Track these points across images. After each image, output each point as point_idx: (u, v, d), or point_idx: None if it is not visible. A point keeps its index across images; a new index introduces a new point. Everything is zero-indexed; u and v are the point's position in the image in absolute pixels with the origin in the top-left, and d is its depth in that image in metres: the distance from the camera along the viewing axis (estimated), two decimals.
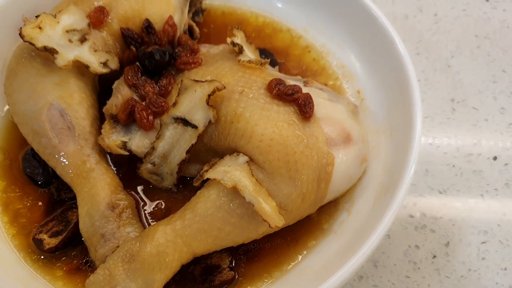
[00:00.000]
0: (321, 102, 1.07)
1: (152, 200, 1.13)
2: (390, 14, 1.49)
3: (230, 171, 0.96)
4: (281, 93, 1.02)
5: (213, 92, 1.02)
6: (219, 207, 0.96)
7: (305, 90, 1.08)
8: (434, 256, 1.11)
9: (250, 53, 1.20)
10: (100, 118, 1.16)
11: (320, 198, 1.01)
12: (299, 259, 1.04)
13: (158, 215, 1.10)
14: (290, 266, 1.03)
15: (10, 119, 1.23)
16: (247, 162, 0.98)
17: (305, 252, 1.04)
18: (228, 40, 1.16)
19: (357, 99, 1.23)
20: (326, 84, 1.27)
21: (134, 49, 1.20)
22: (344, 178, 1.03)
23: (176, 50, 1.18)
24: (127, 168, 1.17)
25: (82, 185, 1.06)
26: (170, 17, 1.25)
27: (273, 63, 1.31)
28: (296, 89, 1.03)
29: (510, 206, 1.17)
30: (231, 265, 1.03)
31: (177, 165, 1.06)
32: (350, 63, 1.28)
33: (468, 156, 1.24)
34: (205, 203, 0.98)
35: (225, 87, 1.02)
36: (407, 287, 1.09)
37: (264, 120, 0.99)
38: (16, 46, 1.17)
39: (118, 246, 0.99)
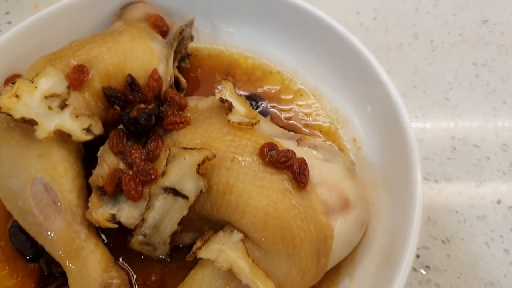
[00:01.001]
0: (316, 164, 1.02)
1: (145, 271, 1.08)
2: (384, 43, 1.43)
3: (225, 251, 0.92)
4: (274, 161, 0.97)
5: (203, 161, 0.97)
6: None
7: (298, 150, 1.03)
8: None
9: (240, 106, 1.14)
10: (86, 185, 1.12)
11: (321, 271, 0.96)
12: None
13: None
14: None
15: None
16: (242, 239, 0.94)
17: None
18: (217, 95, 1.11)
19: (353, 147, 1.18)
20: (321, 131, 1.22)
21: (118, 108, 1.15)
22: (344, 246, 0.99)
23: (163, 109, 1.13)
24: (116, 236, 1.12)
25: (73, 265, 1.01)
26: (155, 71, 1.20)
27: (264, 113, 1.26)
28: (289, 155, 0.98)
29: None
30: None
31: (169, 236, 1.02)
32: (344, 108, 1.23)
33: (471, 200, 1.19)
34: (199, 286, 0.93)
35: (215, 156, 0.97)
36: None
37: (257, 192, 0.94)
38: None
39: None
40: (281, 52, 1.32)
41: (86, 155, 1.15)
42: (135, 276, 1.08)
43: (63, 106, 1.07)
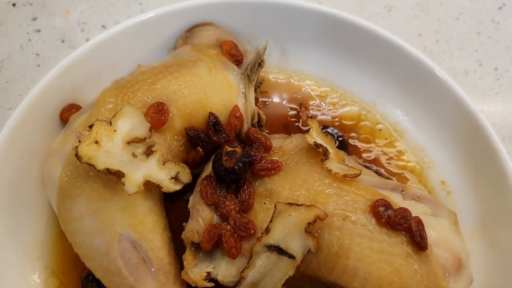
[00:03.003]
0: (427, 221, 0.97)
1: None
2: (450, 68, 1.39)
3: None
4: (392, 223, 0.92)
5: (315, 221, 0.90)
6: None
7: (405, 204, 0.99)
8: None
9: (329, 149, 1.08)
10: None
11: None
12: None
13: None
14: None
15: (57, 235, 1.07)
16: None
17: None
18: (308, 139, 1.03)
19: (442, 191, 1.14)
20: (404, 169, 1.18)
21: (201, 150, 1.05)
22: None
23: (252, 153, 1.04)
24: None
25: None
26: (236, 107, 1.10)
27: (343, 147, 1.19)
28: (407, 216, 0.93)
29: None
30: None
31: None
32: (430, 147, 1.18)
33: None
34: None
35: (327, 216, 0.91)
36: None
37: (378, 257, 0.89)
38: (65, 160, 0.99)
39: None
40: (356, 82, 1.25)
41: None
42: None
43: (149, 153, 0.97)
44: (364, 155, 1.20)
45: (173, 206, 1.11)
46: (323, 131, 1.13)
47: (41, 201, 1.09)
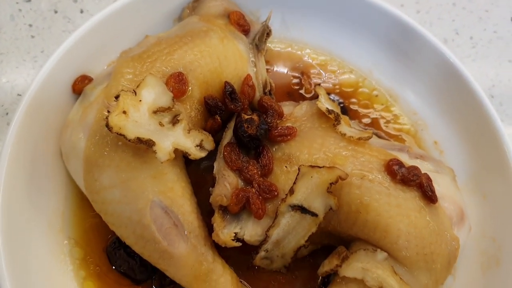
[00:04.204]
0: (432, 177, 1.07)
1: (262, 286, 1.09)
2: None
3: (371, 269, 0.96)
4: (406, 179, 1.01)
5: (337, 181, 0.98)
6: None
7: (412, 163, 1.08)
8: None
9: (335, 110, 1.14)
10: None
11: (445, 278, 1.05)
12: None
13: None
14: None
15: (77, 205, 1.09)
16: (386, 258, 0.98)
17: None
18: (321, 106, 1.09)
19: (435, 150, 1.25)
20: (401, 134, 1.27)
21: (219, 118, 1.09)
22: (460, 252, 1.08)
23: (269, 120, 1.09)
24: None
25: None
26: (249, 76, 1.15)
27: (345, 112, 1.27)
28: (417, 173, 1.02)
29: None
30: None
31: (293, 250, 1.03)
32: (422, 109, 1.28)
33: None
34: None
35: (348, 175, 0.98)
36: None
37: (396, 211, 0.98)
38: (89, 131, 1.00)
39: None
40: (354, 51, 1.32)
41: None
42: None
43: (175, 122, 1.00)
44: (363, 120, 1.28)
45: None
46: None
47: (59, 173, 1.09)
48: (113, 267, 1.06)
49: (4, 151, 0.99)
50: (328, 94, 1.30)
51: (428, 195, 1.01)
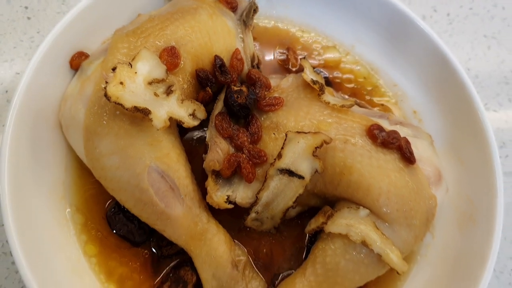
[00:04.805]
0: (411, 141, 1.14)
1: (253, 246, 1.16)
2: None
3: (354, 225, 1.03)
4: (386, 142, 1.08)
5: (321, 145, 1.05)
6: (349, 260, 1.04)
7: (391, 127, 1.15)
8: None
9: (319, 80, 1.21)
10: None
11: (425, 234, 1.13)
12: (399, 286, 1.17)
13: (265, 260, 1.15)
14: None
15: (77, 175, 1.15)
16: (368, 215, 1.06)
17: (403, 278, 1.17)
18: (306, 78, 1.16)
19: (415, 119, 1.32)
20: (382, 105, 1.35)
21: (210, 90, 1.16)
22: (437, 211, 1.16)
23: (257, 91, 1.16)
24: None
25: (199, 248, 1.06)
26: (237, 51, 1.21)
27: (329, 85, 1.34)
28: (397, 136, 1.10)
29: None
30: None
31: (282, 212, 1.10)
32: (401, 81, 1.36)
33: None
34: (334, 257, 1.04)
35: (331, 140, 1.06)
36: None
37: (377, 172, 1.06)
38: (88, 102, 1.06)
39: None
40: (336, 26, 1.39)
41: None
42: (247, 251, 1.15)
43: (169, 92, 1.06)
44: (346, 91, 1.35)
45: None
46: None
47: (59, 145, 1.15)
48: (113, 231, 1.12)
49: (7, 127, 1.05)
50: (313, 68, 1.37)
51: (407, 157, 1.09)
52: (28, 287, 0.95)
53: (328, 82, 1.35)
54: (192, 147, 1.25)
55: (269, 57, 1.36)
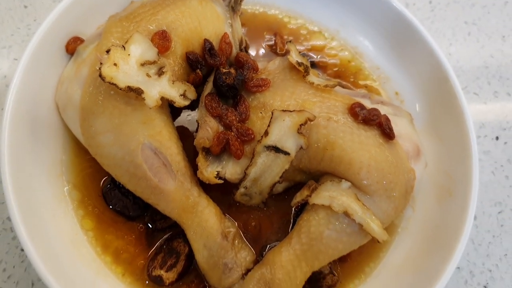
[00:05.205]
0: (391, 119, 1.21)
1: (243, 219, 1.22)
2: None
3: (337, 197, 1.09)
4: (367, 119, 1.15)
5: (305, 122, 1.11)
6: (332, 229, 1.10)
7: (372, 106, 1.21)
8: None
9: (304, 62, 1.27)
10: None
11: (405, 206, 1.19)
12: (381, 256, 1.23)
13: (254, 233, 1.21)
14: (375, 263, 1.22)
15: (74, 153, 1.21)
16: (350, 187, 1.12)
17: (385, 249, 1.24)
18: (292, 60, 1.22)
19: (397, 100, 1.39)
20: (366, 87, 1.41)
21: (200, 72, 1.21)
22: (417, 184, 1.22)
23: (245, 73, 1.21)
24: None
25: (191, 219, 1.12)
26: (226, 35, 1.26)
27: (314, 67, 1.40)
28: (377, 113, 1.16)
29: None
30: (331, 271, 1.19)
31: (269, 187, 1.16)
32: (384, 65, 1.42)
33: (477, 139, 1.48)
34: (317, 227, 1.10)
35: (315, 117, 1.11)
36: None
37: (358, 147, 1.12)
38: (84, 83, 1.11)
39: (243, 273, 1.10)
40: (322, 12, 1.45)
41: None
42: (236, 223, 1.21)
43: (160, 73, 1.12)
44: (331, 74, 1.42)
45: None
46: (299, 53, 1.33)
47: (56, 126, 1.20)
48: (109, 207, 1.18)
49: (6, 110, 1.10)
50: (300, 52, 1.43)
51: (387, 133, 1.15)
52: (29, 259, 1.01)
53: (314, 65, 1.41)
54: (185, 128, 1.30)
55: (257, 42, 1.42)
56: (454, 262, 1.08)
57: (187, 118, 1.31)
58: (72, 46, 1.23)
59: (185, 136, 1.23)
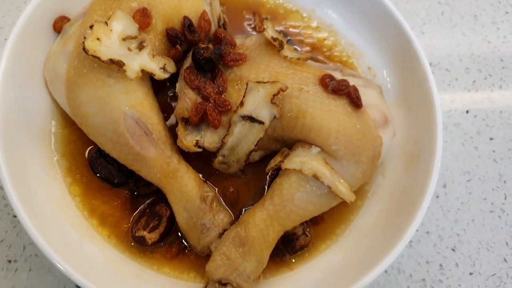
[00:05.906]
0: (361, 90, 1.28)
1: (222, 185, 1.30)
2: None
3: (307, 162, 1.17)
4: (336, 89, 1.22)
5: (278, 92, 1.18)
6: (303, 192, 1.17)
7: (343, 78, 1.29)
8: (437, 196, 1.46)
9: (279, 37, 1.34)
10: None
11: (372, 171, 1.27)
12: (352, 219, 1.31)
13: (232, 198, 1.28)
14: (346, 225, 1.30)
15: (61, 125, 1.29)
16: (319, 152, 1.19)
17: (355, 213, 1.32)
18: (266, 35, 1.29)
19: (369, 74, 1.46)
20: (340, 62, 1.48)
21: (179, 48, 1.28)
22: (385, 151, 1.30)
23: (222, 48, 1.28)
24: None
25: (171, 184, 1.19)
26: (205, 12, 1.33)
27: (291, 44, 1.47)
28: (346, 84, 1.23)
29: (483, 150, 1.54)
30: (304, 232, 1.27)
31: (246, 155, 1.23)
32: (358, 42, 1.49)
33: (448, 112, 1.56)
34: (289, 190, 1.18)
35: (287, 87, 1.19)
36: None
37: (327, 115, 1.19)
38: (69, 57, 1.19)
39: (220, 233, 1.18)
40: None
41: None
42: (216, 189, 1.28)
43: (141, 47, 1.19)
44: (306, 50, 1.49)
45: None
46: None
47: (45, 99, 1.28)
48: (96, 175, 1.26)
49: None
50: (281, 30, 1.51)
51: (355, 102, 1.22)
52: (21, 223, 1.08)
53: (291, 42, 1.49)
54: (167, 104, 1.37)
55: (236, 20, 1.49)
56: (418, 220, 1.15)
57: (169, 93, 1.38)
58: (59, 25, 1.31)
59: (167, 112, 1.31)
